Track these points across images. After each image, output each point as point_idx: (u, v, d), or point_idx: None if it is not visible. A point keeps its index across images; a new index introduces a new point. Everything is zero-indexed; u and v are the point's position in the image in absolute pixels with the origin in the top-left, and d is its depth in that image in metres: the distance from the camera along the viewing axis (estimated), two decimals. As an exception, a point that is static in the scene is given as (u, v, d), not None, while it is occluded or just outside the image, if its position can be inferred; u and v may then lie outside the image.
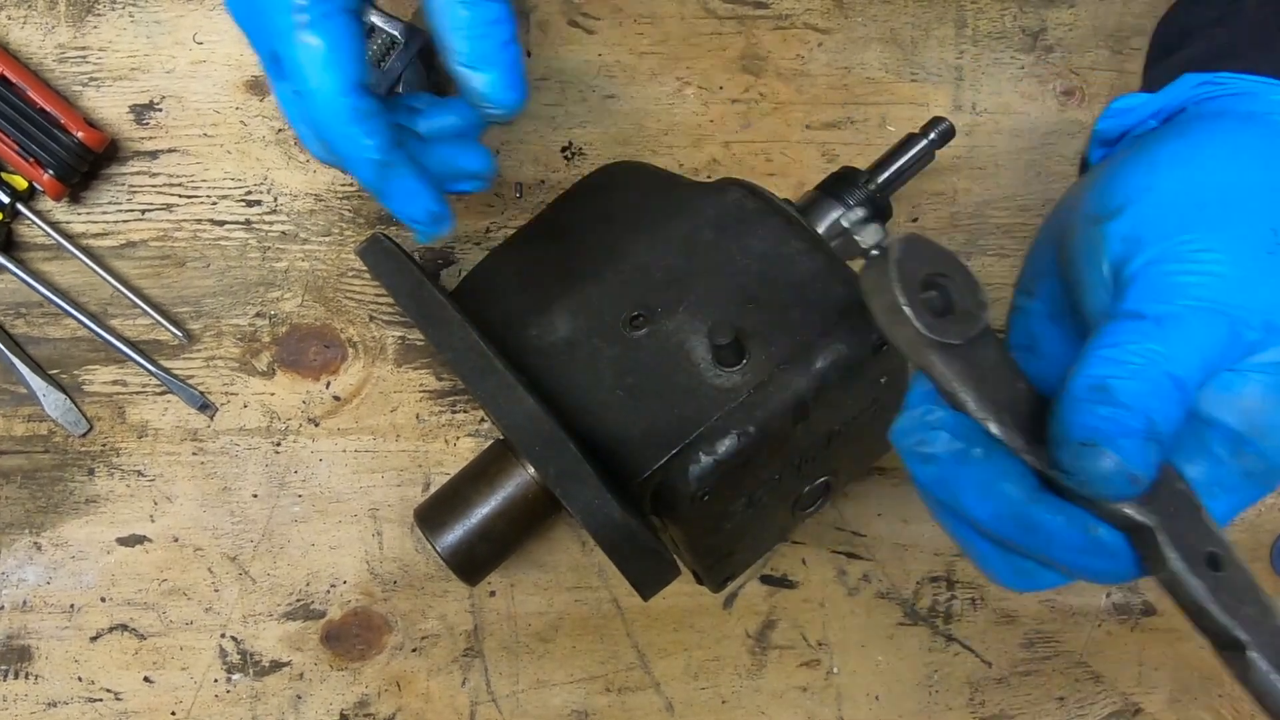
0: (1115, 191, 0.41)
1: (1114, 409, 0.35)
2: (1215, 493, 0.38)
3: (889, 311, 0.39)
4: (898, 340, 0.40)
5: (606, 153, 0.67)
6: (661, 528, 0.54)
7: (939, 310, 0.39)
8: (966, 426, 0.38)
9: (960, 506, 0.38)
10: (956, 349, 0.39)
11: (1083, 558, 0.37)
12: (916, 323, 0.39)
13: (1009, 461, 0.38)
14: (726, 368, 0.51)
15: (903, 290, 0.39)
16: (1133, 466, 0.35)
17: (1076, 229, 0.42)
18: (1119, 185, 0.41)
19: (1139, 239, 0.39)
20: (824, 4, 0.68)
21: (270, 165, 0.66)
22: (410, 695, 0.67)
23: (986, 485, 0.37)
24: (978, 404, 0.38)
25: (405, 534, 0.67)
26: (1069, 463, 0.36)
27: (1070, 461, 0.36)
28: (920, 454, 0.38)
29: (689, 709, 0.68)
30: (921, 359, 0.39)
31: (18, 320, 0.65)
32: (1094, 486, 0.36)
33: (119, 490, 0.66)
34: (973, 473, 0.38)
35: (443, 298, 0.53)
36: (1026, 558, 0.39)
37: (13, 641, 0.65)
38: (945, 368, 0.39)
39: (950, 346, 0.39)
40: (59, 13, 0.65)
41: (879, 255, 0.40)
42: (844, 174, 0.60)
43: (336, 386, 0.66)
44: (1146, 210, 0.39)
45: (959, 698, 0.69)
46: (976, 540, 0.40)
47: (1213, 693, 0.70)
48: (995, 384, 0.39)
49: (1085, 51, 0.69)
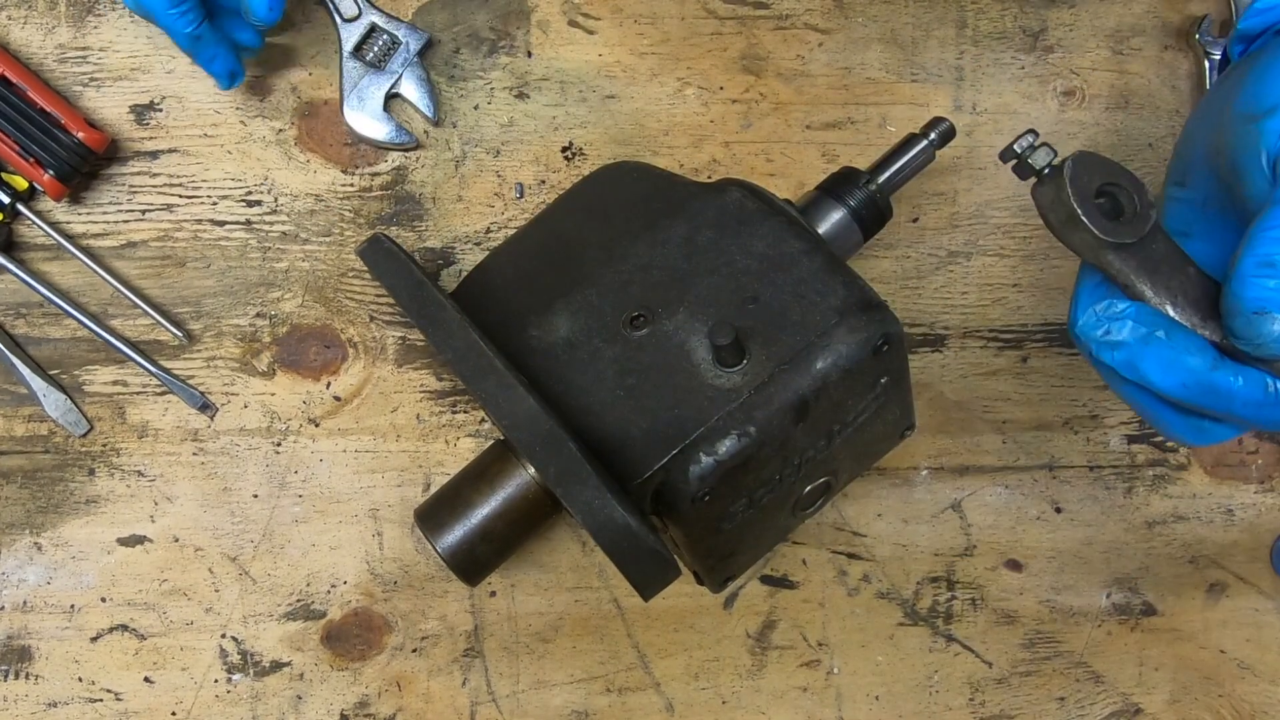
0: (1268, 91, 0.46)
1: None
2: None
3: (1067, 221, 0.44)
4: (1076, 246, 0.45)
5: (606, 153, 0.67)
6: (662, 528, 0.54)
7: (1111, 215, 0.45)
8: (1147, 313, 0.44)
9: (1148, 382, 0.44)
10: (1130, 247, 0.45)
11: (1262, 411, 0.44)
12: (1093, 229, 0.44)
13: (1189, 338, 0.44)
14: (727, 368, 0.51)
15: (1079, 202, 0.44)
16: None
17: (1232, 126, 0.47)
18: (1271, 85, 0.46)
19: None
20: (824, 4, 0.68)
21: (270, 165, 0.66)
22: (411, 695, 0.67)
23: (1171, 361, 0.44)
24: (1154, 291, 0.44)
25: (405, 534, 0.67)
26: (1243, 330, 0.42)
27: (1245, 329, 0.42)
28: (1108, 342, 0.44)
29: (689, 709, 0.68)
30: (1099, 259, 0.45)
31: (18, 320, 0.65)
32: (1269, 348, 0.42)
33: (119, 490, 0.66)
34: (1157, 352, 0.44)
35: (443, 298, 0.53)
36: (1207, 418, 0.46)
37: (13, 642, 0.65)
38: (1123, 264, 0.45)
39: (1125, 245, 0.44)
40: (59, 13, 0.65)
41: (1052, 172, 0.45)
42: (844, 174, 0.60)
43: (337, 387, 0.66)
44: None
45: (959, 698, 0.69)
46: (1161, 410, 0.46)
47: (1213, 693, 0.70)
48: (1168, 272, 0.45)
49: (1085, 51, 0.69)
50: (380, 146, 0.66)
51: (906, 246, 0.69)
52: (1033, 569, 0.70)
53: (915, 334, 0.69)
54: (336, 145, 0.66)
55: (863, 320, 0.50)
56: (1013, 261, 0.69)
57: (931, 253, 0.69)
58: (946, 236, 0.69)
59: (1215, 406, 0.44)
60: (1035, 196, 0.46)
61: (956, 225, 0.69)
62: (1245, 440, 0.70)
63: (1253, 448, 0.70)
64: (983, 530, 0.69)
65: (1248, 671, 0.71)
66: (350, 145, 0.66)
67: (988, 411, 0.69)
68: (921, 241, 0.69)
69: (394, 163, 0.66)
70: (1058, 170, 0.45)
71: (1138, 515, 0.70)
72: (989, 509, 0.69)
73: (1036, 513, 0.70)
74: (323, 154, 0.66)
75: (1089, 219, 0.44)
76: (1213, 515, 0.70)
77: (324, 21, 0.66)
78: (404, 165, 0.66)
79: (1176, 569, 0.70)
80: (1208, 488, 0.70)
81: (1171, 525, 0.70)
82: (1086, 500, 0.70)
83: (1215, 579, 0.70)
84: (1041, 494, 0.70)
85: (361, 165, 0.66)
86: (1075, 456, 0.70)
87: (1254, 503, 0.70)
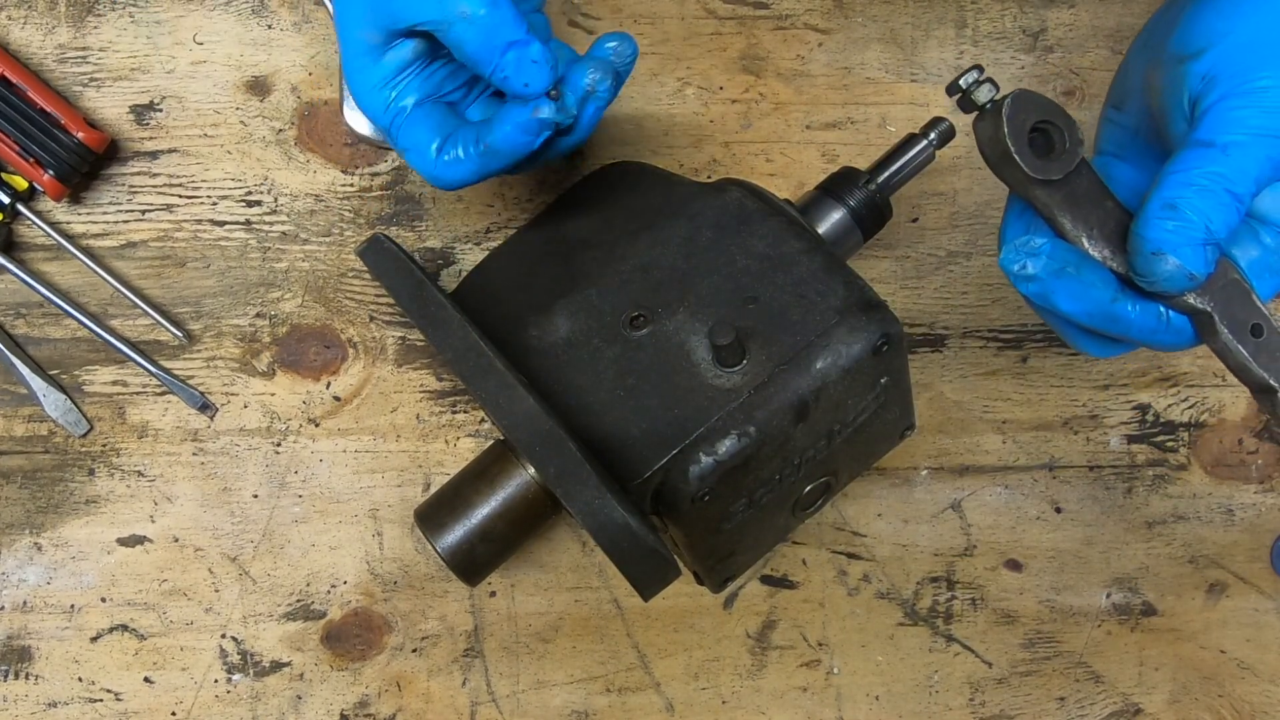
0: (1197, 34, 0.48)
1: (1178, 223, 0.45)
2: (1263, 275, 0.49)
3: (1000, 157, 0.48)
4: (1007, 179, 0.49)
5: (606, 153, 0.67)
6: (662, 528, 0.54)
7: (1042, 152, 0.48)
8: (1060, 249, 0.48)
9: (1057, 310, 0.49)
10: (1056, 183, 0.48)
11: (1155, 336, 0.49)
12: (1024, 166, 0.47)
13: (1095, 272, 0.48)
14: (727, 368, 0.51)
15: (1013, 140, 0.47)
16: (1191, 267, 0.45)
17: (1162, 65, 0.49)
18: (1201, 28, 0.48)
19: (1215, 77, 0.47)
20: (824, 4, 0.68)
21: (270, 165, 0.66)
22: (410, 695, 0.67)
23: (1078, 294, 0.48)
24: (1073, 224, 0.48)
25: (405, 534, 0.67)
26: (1143, 267, 0.46)
27: (1143, 266, 0.46)
28: (1024, 276, 0.48)
29: (689, 709, 0.68)
30: (1027, 194, 0.48)
31: (18, 320, 0.65)
32: (1161, 285, 0.46)
33: (119, 490, 0.66)
34: (1066, 285, 0.48)
35: (443, 298, 0.53)
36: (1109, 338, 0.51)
37: (13, 642, 0.65)
38: (1047, 199, 0.48)
39: (1051, 182, 0.48)
40: (59, 13, 0.65)
41: (992, 109, 0.48)
42: (844, 174, 0.60)
43: (337, 387, 0.66)
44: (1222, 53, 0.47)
45: (959, 698, 0.69)
46: (1068, 329, 0.52)
47: (1213, 693, 0.70)
48: (1088, 207, 0.48)
49: (1085, 51, 0.69)
50: (380, 146, 0.66)
51: (906, 246, 0.69)
52: (1033, 569, 0.70)
53: (915, 334, 0.69)
54: (336, 145, 0.66)
55: (863, 320, 0.50)
56: (1013, 261, 0.69)
57: (931, 253, 0.69)
58: (946, 236, 0.69)
59: (1115, 330, 0.49)
60: (975, 130, 0.49)
61: (956, 225, 0.69)
62: (1245, 440, 0.70)
63: (1253, 448, 0.70)
64: (983, 530, 0.69)
65: (1248, 671, 0.71)
66: (350, 145, 0.66)
67: (988, 411, 0.69)
68: (921, 241, 0.69)
69: (394, 163, 0.66)
70: (997, 107, 0.47)
71: (1138, 515, 0.70)
72: (989, 509, 0.69)
73: (1036, 513, 0.70)
74: (323, 154, 0.66)
75: (1020, 156, 0.47)
76: (1213, 515, 0.70)
77: (324, 21, 0.66)
78: (404, 165, 0.66)
79: (1176, 569, 0.70)
80: (1208, 488, 0.70)
81: (1171, 525, 0.70)
82: (1086, 500, 0.70)
83: (1215, 579, 0.70)
84: (1041, 494, 0.70)
85: (361, 165, 0.66)
86: (1075, 456, 0.70)
87: (1254, 503, 0.70)
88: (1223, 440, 0.70)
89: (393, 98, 0.54)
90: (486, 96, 0.57)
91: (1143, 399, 0.70)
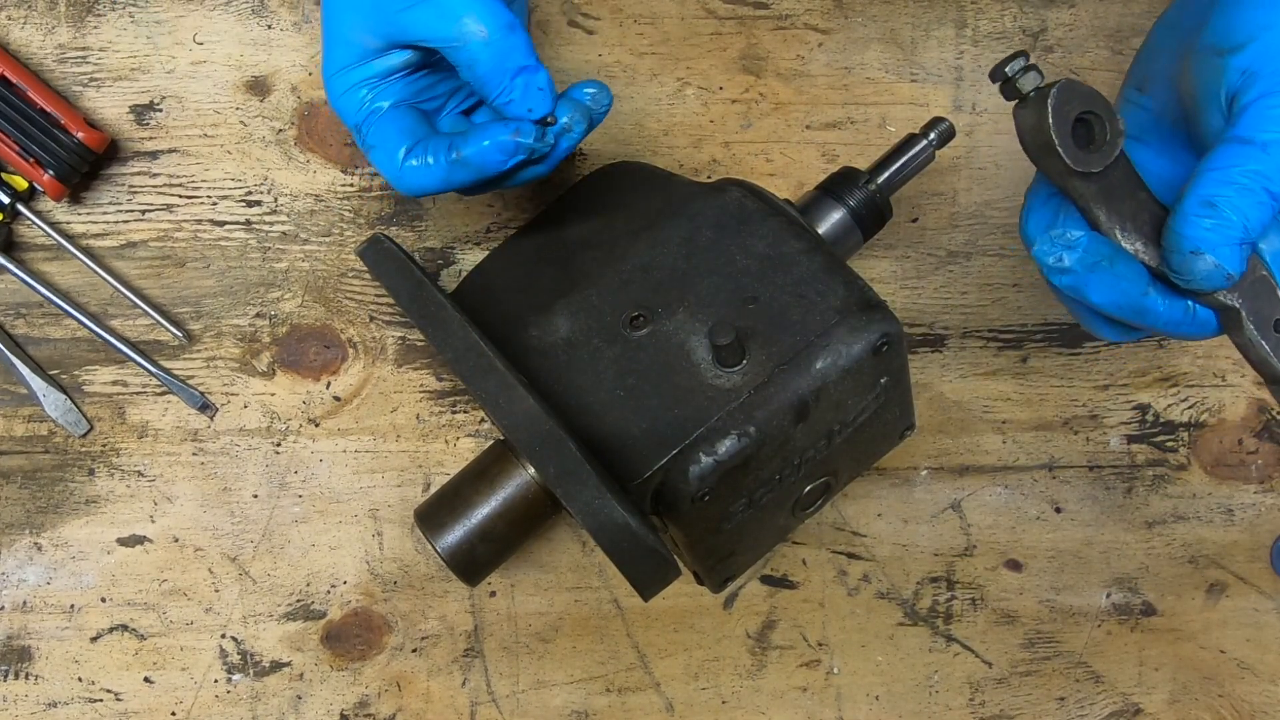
0: (1237, 27, 0.47)
1: (1217, 221, 0.45)
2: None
3: (1042, 147, 0.47)
4: (1046, 169, 0.48)
5: (606, 153, 0.67)
6: (662, 528, 0.54)
7: (1083, 143, 0.47)
8: (1097, 242, 0.48)
9: (1087, 301, 0.49)
10: (1095, 175, 0.47)
11: (1180, 328, 0.49)
12: (1066, 157, 0.46)
13: (1128, 265, 0.48)
14: (727, 368, 0.51)
15: (1057, 130, 0.46)
16: (1229, 266, 0.45)
17: (1197, 55, 0.48)
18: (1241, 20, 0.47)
19: (1255, 73, 0.46)
20: (824, 4, 0.68)
21: (270, 165, 0.66)
22: (410, 695, 0.67)
23: (1111, 285, 0.48)
24: (1107, 216, 0.48)
25: (405, 534, 0.67)
26: (1179, 265, 0.46)
27: (1180, 264, 0.46)
28: (1059, 268, 0.48)
29: (689, 709, 0.68)
30: (1064, 184, 0.48)
31: (18, 320, 0.65)
32: (1199, 284, 0.46)
33: (119, 490, 0.66)
34: (1099, 278, 0.48)
35: (443, 298, 0.53)
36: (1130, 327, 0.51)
37: (13, 642, 0.65)
38: (1084, 190, 0.48)
39: (1090, 174, 0.47)
40: (59, 13, 0.65)
41: (1036, 97, 0.47)
42: (844, 174, 0.60)
43: (337, 387, 0.66)
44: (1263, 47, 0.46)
45: (959, 698, 0.69)
46: (1092, 317, 0.52)
47: (1213, 693, 0.70)
48: (1122, 198, 0.48)
49: (1085, 51, 0.69)
50: (380, 146, 0.66)
51: (906, 246, 0.69)
52: (1033, 569, 0.70)
53: (915, 334, 0.69)
54: (336, 145, 0.66)
55: (863, 320, 0.50)
56: (1012, 261, 0.69)
57: (931, 253, 0.69)
58: (946, 236, 0.69)
59: (1141, 322, 0.49)
60: (1016, 118, 0.48)
61: (956, 225, 0.69)
62: (1245, 440, 0.70)
63: (1253, 448, 0.70)
64: (982, 530, 0.69)
65: (1248, 671, 0.71)
66: (350, 145, 0.66)
67: (987, 411, 0.69)
68: (921, 241, 0.69)
69: (394, 163, 0.66)
70: (1042, 96, 0.46)
71: (1138, 515, 0.70)
72: (989, 509, 0.69)
73: (1036, 513, 0.70)
74: (323, 154, 0.66)
75: (1063, 148, 0.46)
76: (1213, 515, 0.70)
77: (324, 21, 0.66)
78: (404, 165, 0.66)
79: (1176, 569, 0.70)
80: (1208, 488, 0.70)
81: (1171, 525, 0.70)
82: (1086, 500, 0.70)
83: (1215, 579, 0.70)
84: (1041, 494, 0.70)
85: (361, 165, 0.66)
86: (1075, 456, 0.70)
87: (1254, 503, 0.70)
88: (1223, 440, 0.70)
89: (370, 98, 0.54)
90: (459, 112, 0.57)
91: (1143, 399, 0.70)
